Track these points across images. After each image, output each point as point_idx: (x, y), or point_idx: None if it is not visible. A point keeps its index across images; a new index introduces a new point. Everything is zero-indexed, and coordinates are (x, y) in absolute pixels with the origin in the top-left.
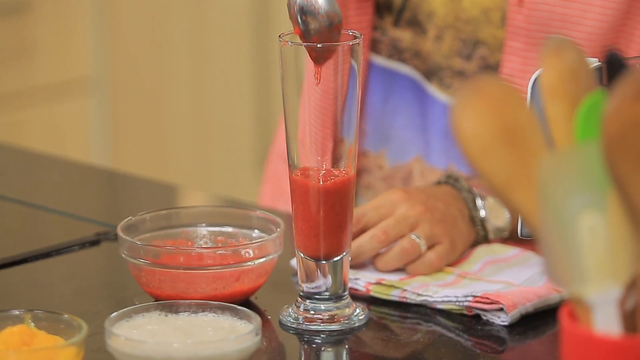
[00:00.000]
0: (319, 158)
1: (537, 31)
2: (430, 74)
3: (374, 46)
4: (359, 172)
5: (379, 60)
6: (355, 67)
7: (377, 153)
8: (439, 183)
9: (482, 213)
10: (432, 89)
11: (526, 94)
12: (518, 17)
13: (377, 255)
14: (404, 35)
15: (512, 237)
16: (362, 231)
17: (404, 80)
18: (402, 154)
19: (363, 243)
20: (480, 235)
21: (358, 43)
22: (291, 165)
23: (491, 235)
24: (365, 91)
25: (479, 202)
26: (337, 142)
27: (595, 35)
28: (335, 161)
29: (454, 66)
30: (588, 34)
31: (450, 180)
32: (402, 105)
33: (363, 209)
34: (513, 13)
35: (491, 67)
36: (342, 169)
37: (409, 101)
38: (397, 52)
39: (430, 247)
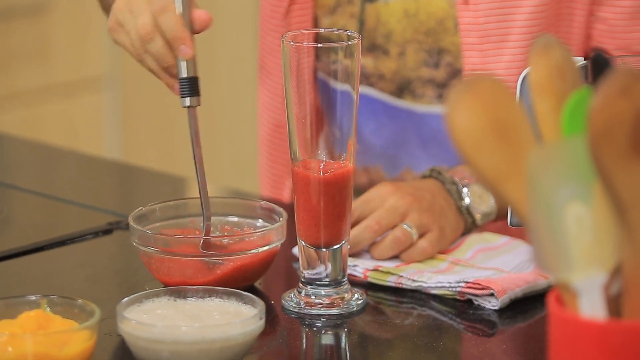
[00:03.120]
0: (319, 151)
1: (486, 23)
2: (401, 89)
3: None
4: (369, 184)
5: (347, 87)
6: (353, 65)
7: (374, 168)
8: (423, 177)
9: (467, 201)
10: (406, 104)
11: (515, 90)
12: (467, 14)
13: (372, 244)
14: (366, 62)
15: (499, 218)
16: (356, 224)
17: (374, 104)
18: (394, 168)
19: (358, 233)
20: (469, 222)
21: (356, 43)
22: (293, 158)
23: (479, 221)
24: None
25: (462, 191)
26: (337, 136)
27: (537, 13)
28: (335, 154)
29: (423, 76)
30: (530, 14)
31: (434, 173)
32: (380, 126)
33: (354, 204)
34: (462, 12)
35: (459, 72)
36: (341, 162)
37: (385, 122)
38: (364, 78)
39: (421, 235)
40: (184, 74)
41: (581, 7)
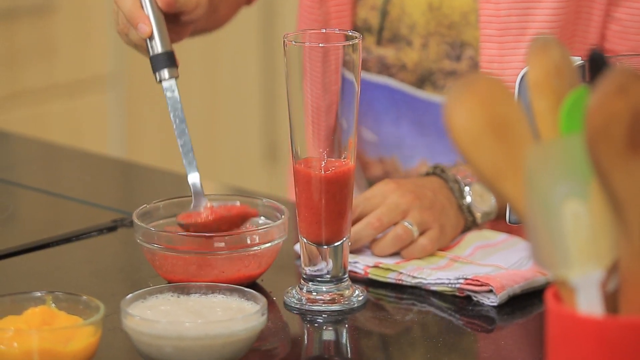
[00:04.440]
0: (321, 149)
1: (508, 16)
2: (422, 80)
3: (363, 65)
4: (383, 175)
5: (371, 77)
6: (354, 64)
7: (390, 159)
8: (426, 174)
9: (468, 200)
10: (426, 95)
11: (513, 88)
12: (488, 7)
13: (373, 241)
14: (387, 52)
15: (499, 218)
16: (357, 220)
17: (395, 93)
18: (410, 159)
19: (359, 230)
20: (469, 221)
21: (357, 42)
22: (295, 156)
23: (479, 220)
24: (367, 104)
25: (464, 190)
26: (338, 134)
27: (558, 9)
28: (336, 152)
29: (445, 68)
30: (551, 9)
31: (437, 171)
32: (400, 116)
33: (356, 201)
34: (483, 3)
35: (480, 66)
36: (342, 160)
37: (404, 112)
38: (385, 68)
39: (421, 232)
40: (155, 51)
41: (599, 6)
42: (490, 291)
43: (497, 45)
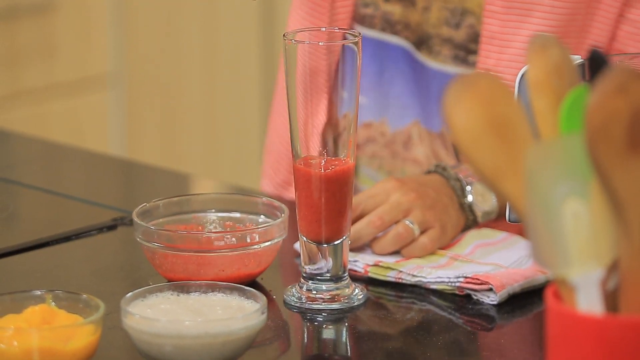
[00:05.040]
0: (321, 148)
1: None
2: (420, 43)
3: (367, 21)
4: (365, 143)
5: (373, 33)
6: (354, 65)
7: (379, 122)
8: (428, 172)
9: (470, 198)
10: (422, 57)
11: (514, 87)
12: None
13: (373, 239)
14: (394, 9)
15: (499, 217)
16: (359, 218)
17: (397, 51)
18: (402, 119)
19: (360, 228)
20: (470, 220)
21: (357, 40)
22: (295, 155)
23: (480, 219)
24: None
25: (466, 188)
26: (338, 133)
27: None
28: (336, 151)
29: (442, 34)
30: None
31: (439, 169)
32: (397, 74)
33: (359, 198)
34: None
35: (479, 35)
36: (342, 158)
37: (403, 70)
38: (389, 25)
39: (423, 231)
40: None
41: (609, 4)
42: (490, 290)
43: (500, 22)
